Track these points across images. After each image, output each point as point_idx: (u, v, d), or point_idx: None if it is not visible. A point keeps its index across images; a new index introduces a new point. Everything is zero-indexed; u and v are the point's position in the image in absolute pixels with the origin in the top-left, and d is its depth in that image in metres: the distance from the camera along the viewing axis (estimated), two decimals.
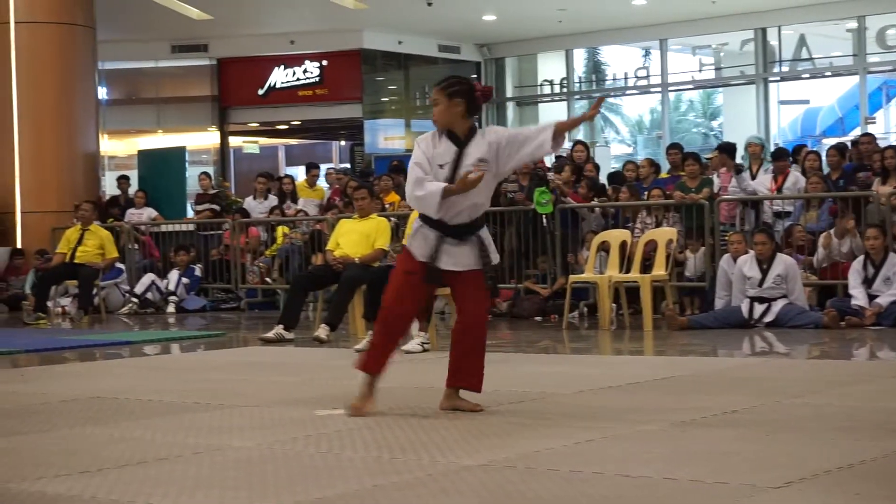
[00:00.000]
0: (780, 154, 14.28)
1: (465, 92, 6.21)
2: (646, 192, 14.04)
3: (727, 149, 14.38)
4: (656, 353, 10.01)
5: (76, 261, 14.90)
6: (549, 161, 14.79)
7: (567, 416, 6.05)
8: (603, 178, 16.14)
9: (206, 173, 20.07)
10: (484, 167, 6.10)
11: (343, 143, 28.39)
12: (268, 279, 16.34)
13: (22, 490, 4.55)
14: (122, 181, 19.94)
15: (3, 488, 4.58)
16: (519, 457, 4.90)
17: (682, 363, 8.86)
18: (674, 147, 15.38)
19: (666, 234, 12.31)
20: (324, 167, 20.92)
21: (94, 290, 14.99)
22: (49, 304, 15.03)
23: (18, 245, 18.19)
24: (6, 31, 18.28)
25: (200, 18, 23.53)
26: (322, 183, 18.98)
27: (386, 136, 26.41)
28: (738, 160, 14.43)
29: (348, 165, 24.95)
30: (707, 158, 14.80)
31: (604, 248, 12.65)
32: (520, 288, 13.99)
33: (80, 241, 15.02)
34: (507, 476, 4.54)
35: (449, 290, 6.53)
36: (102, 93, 22.60)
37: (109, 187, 22.18)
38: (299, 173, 22.73)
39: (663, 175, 15.09)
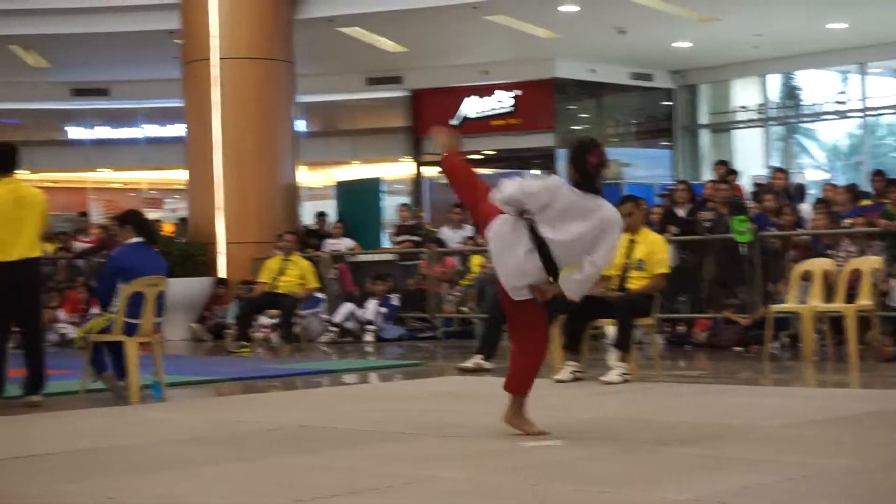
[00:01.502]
0: None
1: (575, 160, 6.48)
2: (845, 220, 13.72)
3: None
4: (863, 386, 9.77)
5: (278, 290, 15.21)
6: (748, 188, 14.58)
7: (774, 449, 5.92)
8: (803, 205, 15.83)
9: (406, 205, 20.29)
10: None
11: (537, 172, 28.44)
12: (463, 308, 16.42)
13: None
14: (321, 218, 20.29)
15: None
16: (728, 492, 4.82)
17: (891, 396, 8.63)
18: (878, 174, 15.00)
19: (871, 262, 12.00)
20: None
21: (294, 320, 15.27)
22: (253, 330, 15.40)
23: (221, 275, 18.61)
24: (208, 67, 18.80)
25: (395, 51, 23.86)
26: None
27: None
28: None
29: None
30: None
31: (805, 277, 12.39)
32: (718, 318, 13.79)
33: (281, 271, 15.34)
34: None
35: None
36: (300, 125, 23.01)
37: (306, 218, 22.60)
38: None
39: (866, 202, 14.73)
